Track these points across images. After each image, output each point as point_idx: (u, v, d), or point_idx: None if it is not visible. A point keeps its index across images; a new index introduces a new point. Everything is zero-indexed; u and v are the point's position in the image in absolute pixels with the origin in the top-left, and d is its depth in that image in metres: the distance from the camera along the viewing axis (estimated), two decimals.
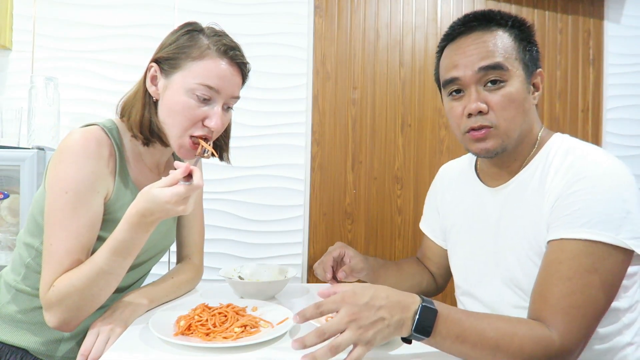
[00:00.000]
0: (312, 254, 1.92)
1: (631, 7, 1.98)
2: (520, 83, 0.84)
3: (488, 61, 0.83)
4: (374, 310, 0.67)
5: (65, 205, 0.84)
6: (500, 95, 0.83)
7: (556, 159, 0.83)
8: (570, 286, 0.72)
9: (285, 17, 1.88)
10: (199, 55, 0.89)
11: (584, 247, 0.73)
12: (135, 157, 0.97)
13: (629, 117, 1.99)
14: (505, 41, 0.84)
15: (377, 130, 1.94)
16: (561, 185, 0.79)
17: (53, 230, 0.85)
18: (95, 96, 1.79)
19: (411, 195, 1.94)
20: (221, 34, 0.94)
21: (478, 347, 0.69)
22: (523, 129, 0.86)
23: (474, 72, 0.83)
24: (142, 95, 0.93)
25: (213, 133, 0.93)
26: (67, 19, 1.78)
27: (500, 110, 0.83)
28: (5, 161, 1.41)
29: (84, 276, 0.83)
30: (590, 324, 0.72)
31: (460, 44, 0.87)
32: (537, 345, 0.69)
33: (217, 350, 0.78)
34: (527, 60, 0.85)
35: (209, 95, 0.90)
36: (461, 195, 1.03)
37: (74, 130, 0.88)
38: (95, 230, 0.88)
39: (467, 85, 0.85)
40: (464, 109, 0.86)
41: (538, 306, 0.74)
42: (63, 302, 0.83)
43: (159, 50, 0.93)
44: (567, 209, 0.76)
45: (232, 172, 1.85)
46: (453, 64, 0.86)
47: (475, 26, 0.86)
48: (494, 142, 0.85)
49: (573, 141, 0.85)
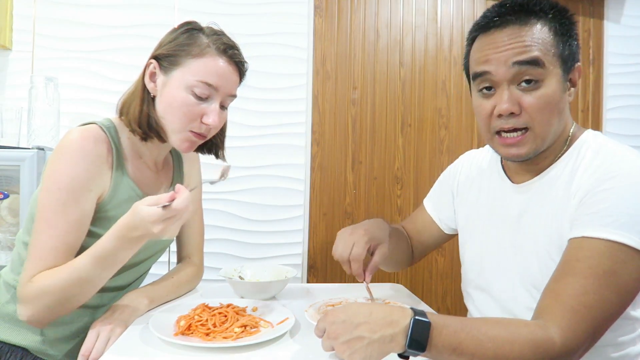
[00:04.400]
0: (312, 254, 1.92)
1: (631, 7, 1.98)
2: (557, 82, 0.78)
3: (524, 56, 0.77)
4: (351, 328, 0.65)
5: (57, 201, 0.85)
6: (536, 97, 0.78)
7: (587, 156, 0.80)
8: (585, 285, 0.69)
9: (285, 17, 1.88)
10: (199, 53, 0.90)
11: (605, 247, 0.70)
12: (133, 154, 0.97)
13: (629, 117, 1.99)
14: (543, 35, 0.78)
15: (377, 130, 1.94)
16: (589, 182, 0.76)
17: (41, 226, 0.85)
18: (95, 96, 1.79)
19: (411, 195, 1.94)
20: (220, 33, 0.95)
21: (477, 357, 0.66)
22: (558, 130, 0.82)
23: (508, 67, 0.78)
24: (140, 91, 0.94)
25: (210, 130, 0.94)
26: (67, 19, 1.78)
27: (534, 113, 0.78)
28: (5, 161, 1.41)
29: (62, 279, 0.83)
30: (598, 327, 0.69)
31: (495, 37, 0.80)
32: (538, 349, 0.67)
33: (217, 350, 0.77)
34: (566, 56, 0.79)
35: (207, 93, 0.91)
36: (483, 187, 1.00)
37: (73, 129, 0.89)
38: (83, 229, 0.89)
39: (499, 83, 0.80)
40: (494, 109, 0.81)
41: (547, 301, 0.72)
42: (37, 299, 0.84)
43: (158, 48, 0.94)
44: (593, 207, 0.73)
45: (232, 172, 1.84)
46: (485, 58, 0.80)
47: (512, 20, 0.79)
48: (528, 148, 0.81)
49: (605, 139, 0.82)
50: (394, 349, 0.66)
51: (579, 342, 0.68)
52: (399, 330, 0.65)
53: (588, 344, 0.70)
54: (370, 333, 0.64)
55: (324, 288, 1.25)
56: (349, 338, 0.65)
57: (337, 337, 0.65)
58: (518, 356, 0.66)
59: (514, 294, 0.87)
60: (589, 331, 0.69)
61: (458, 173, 1.09)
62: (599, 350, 0.75)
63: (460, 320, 0.69)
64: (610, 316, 0.70)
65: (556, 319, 0.69)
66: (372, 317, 0.66)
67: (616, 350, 0.80)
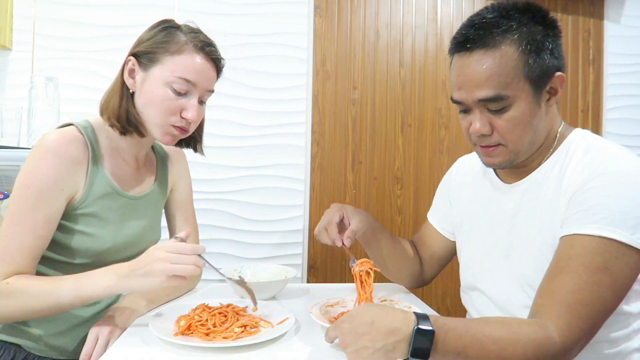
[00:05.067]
0: (312, 254, 1.92)
1: (631, 7, 1.98)
2: (527, 103, 0.79)
3: (485, 93, 0.79)
4: (356, 339, 0.67)
5: (27, 200, 0.87)
6: (505, 119, 0.80)
7: (576, 155, 0.81)
8: (579, 283, 0.70)
9: (285, 17, 1.88)
10: (177, 50, 0.93)
11: (596, 244, 0.71)
12: (111, 152, 1.00)
13: (629, 117, 1.99)
14: (508, 59, 0.77)
15: (377, 130, 1.94)
16: (579, 181, 0.77)
17: (11, 223, 0.87)
18: (95, 96, 1.75)
19: (411, 195, 1.94)
20: (197, 31, 0.98)
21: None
22: (535, 140, 0.83)
23: (473, 100, 0.81)
24: (119, 87, 0.97)
25: (190, 125, 0.98)
26: (67, 19, 1.78)
27: (505, 133, 0.81)
28: (5, 161, 1.41)
29: (37, 295, 0.84)
30: (594, 323, 0.70)
31: (463, 63, 0.81)
32: (540, 349, 0.67)
33: (217, 350, 0.78)
34: (536, 76, 0.79)
35: (185, 88, 0.94)
36: (476, 190, 1.01)
37: (50, 131, 0.92)
38: (52, 228, 0.90)
39: (471, 107, 0.83)
40: (470, 126, 0.84)
41: (543, 300, 0.73)
42: (5, 299, 0.84)
43: (137, 45, 0.96)
44: (583, 204, 0.74)
45: (232, 172, 1.85)
46: (457, 85, 0.83)
47: (478, 45, 0.79)
48: (501, 159, 0.84)
49: (594, 138, 0.83)
50: (397, 356, 0.67)
51: (576, 339, 0.69)
52: (401, 339, 0.66)
53: (585, 340, 0.71)
54: (373, 343, 0.66)
55: (324, 288, 1.25)
56: (356, 348, 0.67)
57: (346, 347, 0.68)
58: (521, 357, 0.67)
59: (509, 295, 0.88)
60: (586, 327, 0.70)
61: (452, 179, 1.12)
62: (594, 347, 0.76)
63: (463, 323, 0.70)
64: (606, 311, 0.71)
65: (553, 317, 0.70)
66: (374, 326, 0.67)
67: (611, 346, 0.80)
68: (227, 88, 1.80)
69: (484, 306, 0.95)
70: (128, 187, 1.02)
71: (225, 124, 1.83)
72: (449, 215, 1.11)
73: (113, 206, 0.98)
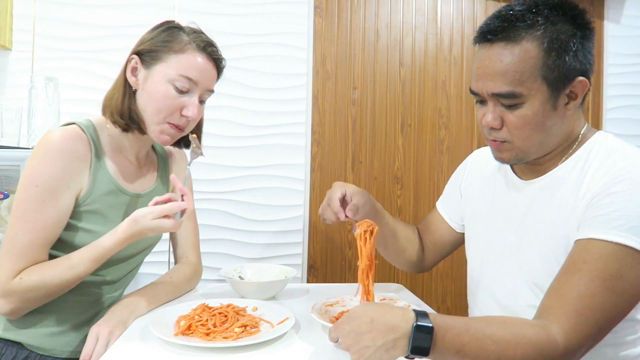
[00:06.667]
0: (312, 254, 1.92)
1: (631, 7, 1.98)
2: (540, 103, 0.78)
3: (499, 88, 0.78)
4: (357, 339, 0.67)
5: (35, 198, 0.88)
6: (516, 115, 0.80)
7: (597, 157, 0.80)
8: (591, 288, 0.69)
9: (285, 17, 1.88)
10: (180, 49, 0.95)
11: (612, 250, 0.70)
12: (113, 150, 1.01)
13: (629, 117, 1.99)
14: (528, 56, 0.76)
15: (377, 130, 1.94)
16: (600, 184, 0.76)
17: (19, 222, 0.88)
18: (95, 96, 1.75)
19: (411, 195, 1.94)
20: (199, 31, 1.01)
21: (480, 359, 0.67)
22: (547, 141, 0.83)
23: (488, 94, 0.81)
24: (122, 85, 0.98)
25: (189, 123, 0.99)
26: (67, 19, 1.78)
27: (513, 130, 0.81)
28: (5, 161, 1.41)
29: (58, 277, 0.88)
30: (601, 329, 0.70)
31: (483, 54, 0.81)
32: (541, 351, 0.67)
33: (217, 350, 0.78)
34: (556, 76, 0.77)
35: (187, 86, 0.96)
36: (489, 183, 1.00)
37: (53, 129, 0.93)
38: (60, 225, 0.92)
39: (486, 100, 0.83)
40: (483, 117, 0.84)
41: (552, 302, 0.72)
42: (27, 293, 0.87)
43: (140, 44, 0.98)
44: (603, 209, 0.73)
45: (233, 172, 1.85)
46: (475, 76, 0.83)
47: (500, 37, 0.78)
48: (508, 155, 0.84)
49: (617, 141, 0.82)
50: (397, 353, 0.67)
51: (581, 344, 0.68)
52: (400, 336, 0.66)
53: (589, 346, 0.70)
54: (373, 341, 0.66)
55: (324, 288, 1.25)
56: (358, 348, 0.67)
57: (349, 347, 0.68)
58: (521, 358, 0.66)
59: (515, 293, 0.87)
60: (592, 333, 0.69)
61: (466, 171, 1.11)
62: (599, 350, 0.75)
63: (463, 321, 0.69)
64: (614, 319, 0.70)
65: (560, 320, 0.69)
66: (373, 325, 0.67)
67: (616, 351, 0.79)
68: (227, 88, 1.80)
69: (487, 302, 0.94)
70: (130, 184, 1.04)
71: (226, 124, 1.83)
72: (458, 206, 1.10)
73: (116, 203, 0.99)
